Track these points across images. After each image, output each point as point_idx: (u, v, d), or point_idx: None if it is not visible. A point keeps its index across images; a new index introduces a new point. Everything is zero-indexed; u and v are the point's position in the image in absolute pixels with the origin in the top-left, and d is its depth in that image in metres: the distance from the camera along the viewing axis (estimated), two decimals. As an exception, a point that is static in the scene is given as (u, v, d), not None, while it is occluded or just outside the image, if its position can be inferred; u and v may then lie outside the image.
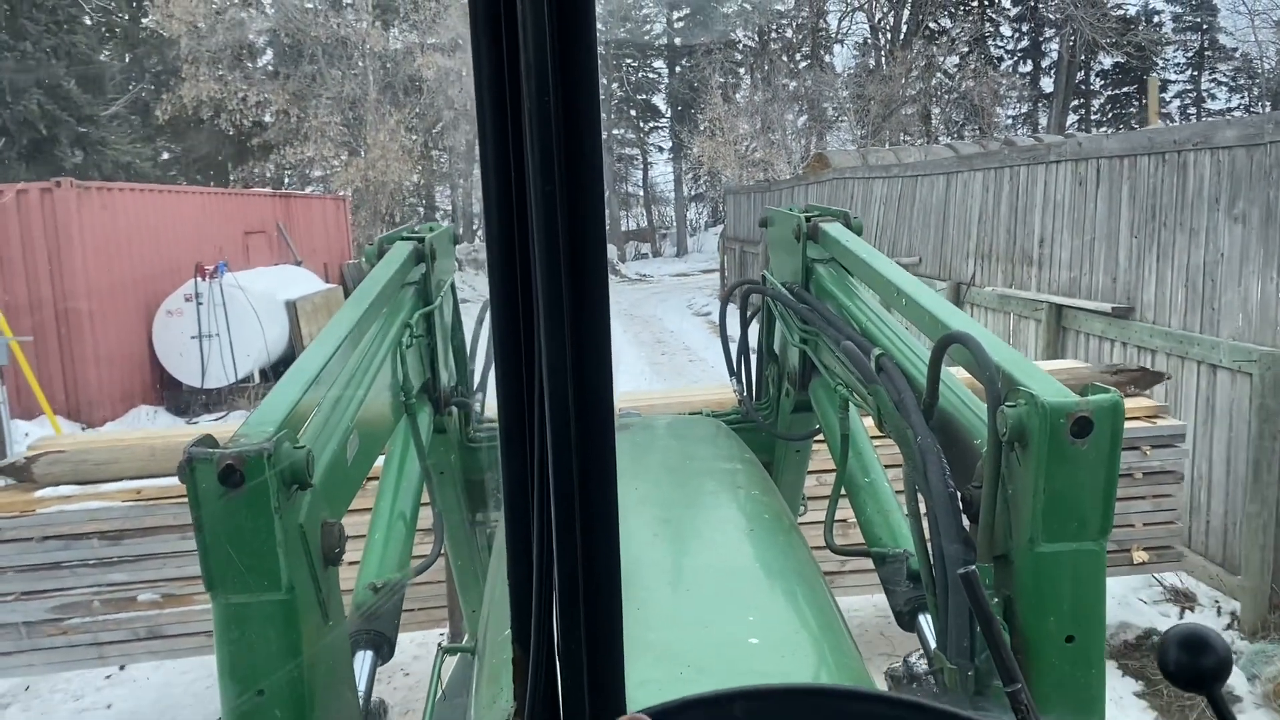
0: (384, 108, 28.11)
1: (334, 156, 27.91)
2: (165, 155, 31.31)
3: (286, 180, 33.09)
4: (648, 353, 16.31)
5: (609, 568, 0.81)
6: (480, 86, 0.75)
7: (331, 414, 1.53)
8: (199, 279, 12.32)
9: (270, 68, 29.46)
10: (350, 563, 1.84)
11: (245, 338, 12.42)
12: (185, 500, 1.13)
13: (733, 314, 2.99)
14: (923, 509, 1.52)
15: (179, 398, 12.63)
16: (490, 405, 2.85)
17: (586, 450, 0.77)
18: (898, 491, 1.98)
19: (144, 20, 27.95)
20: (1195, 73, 47.93)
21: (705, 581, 1.59)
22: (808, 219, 2.38)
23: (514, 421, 0.81)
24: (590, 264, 0.74)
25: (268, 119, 28.81)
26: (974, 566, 1.24)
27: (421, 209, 38.19)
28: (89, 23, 27.79)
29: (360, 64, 28.31)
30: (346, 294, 20.12)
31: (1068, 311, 7.29)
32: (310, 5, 28.73)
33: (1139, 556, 4.81)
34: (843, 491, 2.20)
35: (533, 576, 0.83)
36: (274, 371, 13.19)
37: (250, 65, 28.38)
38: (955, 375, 1.68)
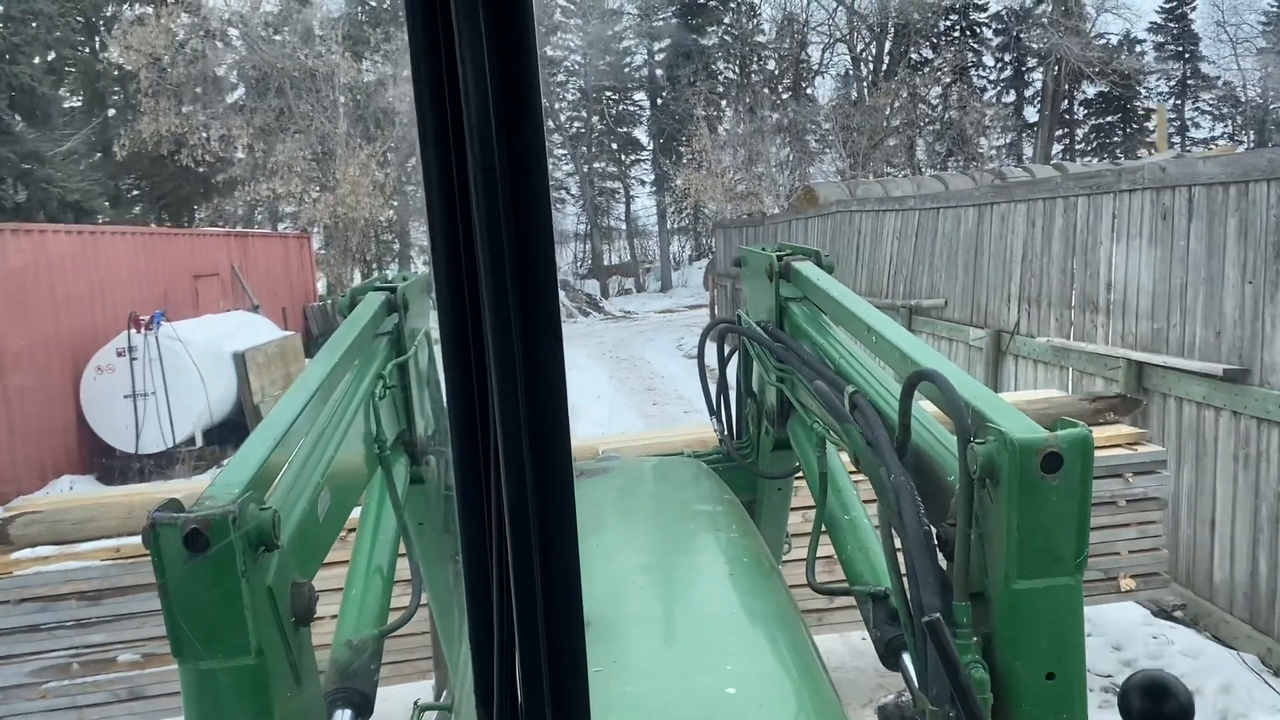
0: (354, 141, 26.83)
1: (302, 192, 26.52)
2: (133, 193, 29.88)
3: (259, 218, 31.71)
4: (638, 402, 14.98)
5: (571, 625, 0.80)
6: (426, 149, 0.75)
7: (301, 471, 1.51)
8: (133, 331, 10.93)
9: (236, 101, 28.18)
10: (330, 616, 1.86)
11: (185, 396, 11.03)
12: None
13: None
14: (899, 546, 1.48)
15: (110, 464, 11.19)
16: None
17: (545, 505, 0.77)
18: (878, 527, 1.88)
19: (103, 55, 26.70)
20: (1178, 101, 48.10)
21: (683, 630, 1.61)
22: (779, 258, 2.41)
23: (470, 476, 0.81)
24: (541, 315, 0.74)
25: (239, 154, 27.51)
26: (938, 615, 1.27)
27: (396, 245, 36.87)
28: (52, 57, 26.57)
29: (330, 95, 27.07)
30: (309, 339, 18.81)
31: (1151, 370, 6.05)
32: (279, 37, 27.51)
33: (1126, 584, 4.76)
34: (824, 528, 2.18)
35: (493, 636, 0.82)
36: (218, 433, 11.80)
37: (215, 98, 27.09)
38: (928, 411, 1.66)
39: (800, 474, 2.54)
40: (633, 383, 16.92)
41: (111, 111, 29.61)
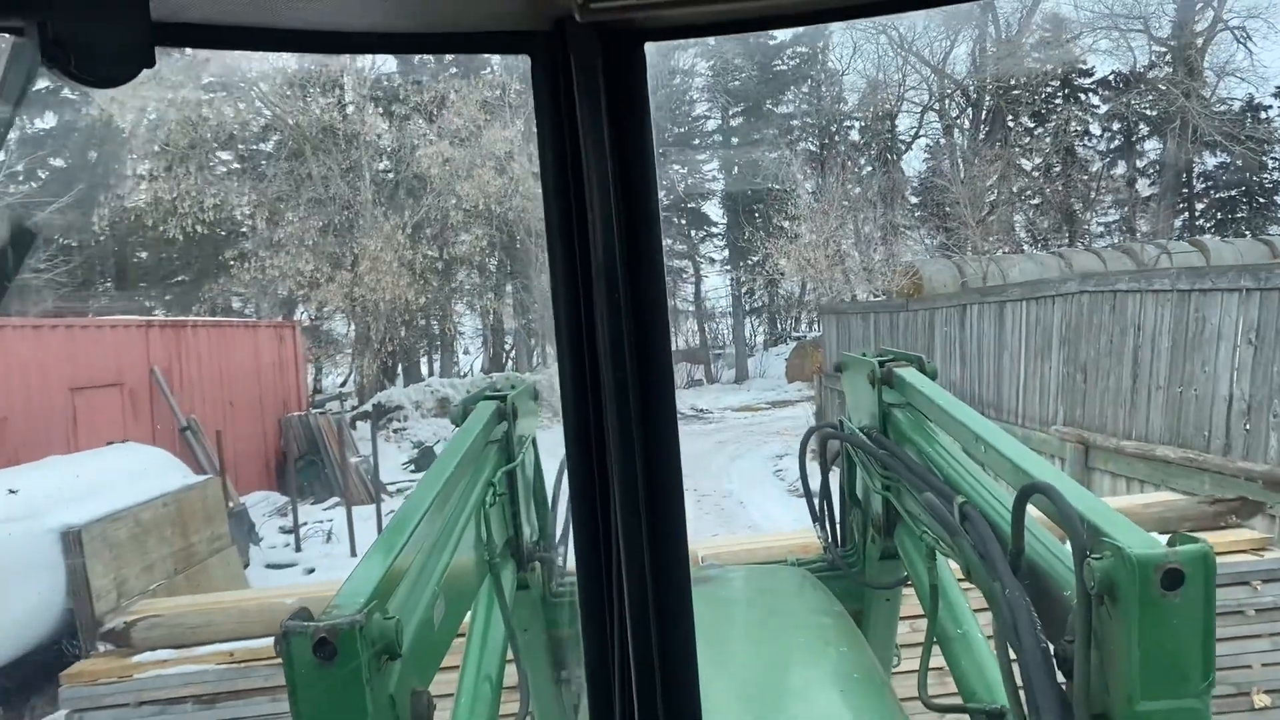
0: (377, 209, 22.49)
1: (314, 270, 22.14)
2: (116, 270, 25.97)
3: (296, 299, 27.45)
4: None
5: None
6: (556, 293, 0.83)
7: (418, 579, 1.52)
8: None
9: (239, 165, 24.16)
10: None
11: (-65, 623, 6.10)
12: (276, 662, 1.17)
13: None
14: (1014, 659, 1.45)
15: None
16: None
17: (665, 616, 0.81)
18: (988, 636, 1.87)
19: (87, 109, 22.99)
20: (1312, 173, 42.55)
21: None
22: (882, 364, 2.43)
23: (593, 588, 0.86)
24: (662, 432, 0.79)
25: (245, 225, 23.45)
26: None
27: (437, 331, 32.40)
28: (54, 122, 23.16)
29: (353, 153, 22.85)
30: (283, 462, 13.78)
31: None
32: (308, 103, 23.49)
33: (1260, 700, 4.35)
34: (935, 641, 2.10)
35: None
36: (10, 676, 6.79)
37: (213, 162, 23.09)
38: (1040, 523, 1.61)
39: (909, 583, 2.43)
40: (720, 542, 11.56)
41: (120, 184, 25.96)
